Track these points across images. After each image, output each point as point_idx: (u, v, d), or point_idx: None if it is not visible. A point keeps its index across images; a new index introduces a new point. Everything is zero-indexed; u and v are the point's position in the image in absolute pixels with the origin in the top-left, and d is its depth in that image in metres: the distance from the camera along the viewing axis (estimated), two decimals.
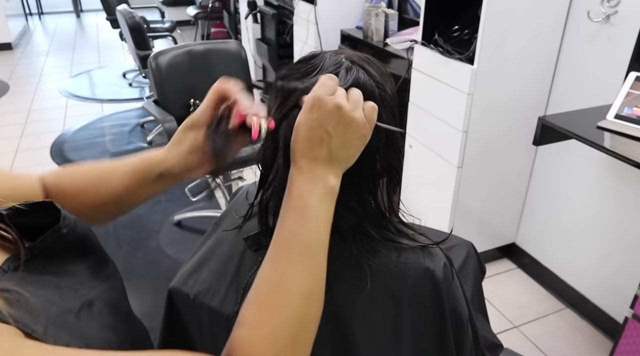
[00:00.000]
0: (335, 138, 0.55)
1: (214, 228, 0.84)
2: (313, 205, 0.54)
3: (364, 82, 0.64)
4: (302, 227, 0.53)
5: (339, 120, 0.55)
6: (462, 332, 0.74)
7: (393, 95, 0.69)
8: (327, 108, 0.54)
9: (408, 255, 0.69)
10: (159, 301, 0.82)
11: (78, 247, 0.54)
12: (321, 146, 0.54)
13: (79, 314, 0.46)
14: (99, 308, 0.49)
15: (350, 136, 0.56)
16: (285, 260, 0.52)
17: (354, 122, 0.55)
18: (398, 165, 0.71)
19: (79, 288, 0.49)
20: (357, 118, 0.56)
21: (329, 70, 0.64)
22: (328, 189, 0.55)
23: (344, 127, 0.55)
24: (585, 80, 1.81)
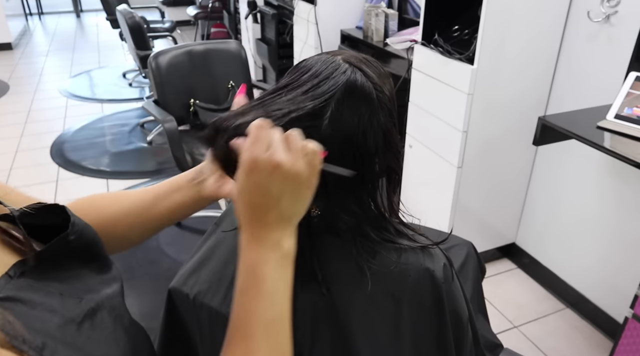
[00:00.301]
0: (283, 199, 0.50)
1: (214, 228, 0.84)
2: (269, 276, 0.49)
3: (362, 84, 0.64)
4: (261, 304, 0.49)
5: (282, 180, 0.49)
6: (462, 333, 0.74)
7: (391, 96, 0.69)
8: (266, 169, 0.48)
9: (408, 256, 0.69)
10: (159, 301, 0.82)
11: (83, 253, 0.53)
12: (268, 211, 0.50)
13: (81, 325, 0.46)
14: (101, 317, 0.49)
15: (298, 191, 0.51)
16: (246, 342, 0.48)
17: (297, 177, 0.50)
18: (397, 166, 0.71)
19: (82, 296, 0.49)
20: (301, 172, 0.50)
21: (324, 73, 0.64)
22: (284, 254, 0.51)
23: (290, 185, 0.50)
24: (585, 80, 1.81)
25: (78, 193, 2.91)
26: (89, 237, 0.54)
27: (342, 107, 0.62)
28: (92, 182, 3.05)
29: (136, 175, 3.14)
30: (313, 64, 0.66)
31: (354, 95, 0.63)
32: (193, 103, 2.43)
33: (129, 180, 3.06)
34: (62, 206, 0.53)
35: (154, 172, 3.19)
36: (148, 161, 3.36)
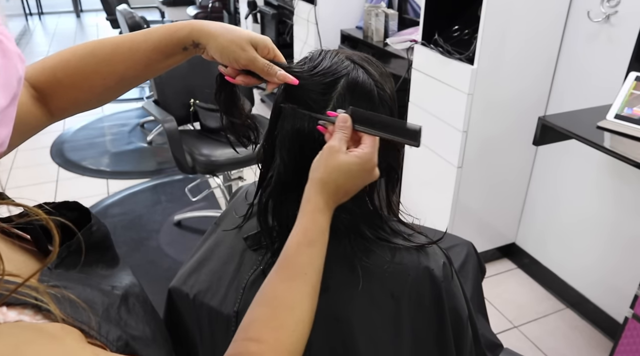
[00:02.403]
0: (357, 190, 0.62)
1: (214, 228, 0.84)
2: (326, 240, 0.60)
3: (363, 81, 0.64)
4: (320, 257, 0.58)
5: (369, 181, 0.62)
6: (461, 331, 0.74)
7: (392, 94, 0.69)
8: (375, 175, 0.61)
9: (402, 256, 0.69)
10: (159, 301, 0.82)
11: (99, 246, 0.55)
12: (346, 195, 0.61)
13: (120, 309, 0.48)
14: (132, 303, 0.51)
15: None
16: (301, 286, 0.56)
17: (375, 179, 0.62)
18: (397, 165, 0.71)
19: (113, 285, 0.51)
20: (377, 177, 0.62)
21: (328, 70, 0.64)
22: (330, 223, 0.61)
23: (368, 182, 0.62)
24: (585, 80, 1.81)
25: (78, 193, 2.91)
26: (104, 230, 0.56)
27: (343, 103, 0.63)
28: (92, 182, 3.05)
29: (136, 175, 3.15)
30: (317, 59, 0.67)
31: (355, 91, 0.64)
32: (193, 103, 2.43)
33: (129, 180, 3.06)
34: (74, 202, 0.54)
35: (154, 172, 3.19)
36: (148, 161, 3.36)
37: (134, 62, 0.64)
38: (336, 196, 0.60)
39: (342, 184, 0.59)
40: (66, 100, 0.63)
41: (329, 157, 0.59)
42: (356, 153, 0.59)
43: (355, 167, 0.58)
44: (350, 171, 0.58)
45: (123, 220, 2.65)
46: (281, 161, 0.65)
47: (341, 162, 0.58)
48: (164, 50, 0.65)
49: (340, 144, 0.59)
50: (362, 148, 0.59)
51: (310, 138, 0.64)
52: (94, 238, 0.53)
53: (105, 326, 0.43)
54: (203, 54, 0.67)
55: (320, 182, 0.59)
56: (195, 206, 2.72)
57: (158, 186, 3.02)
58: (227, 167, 2.28)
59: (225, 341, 0.74)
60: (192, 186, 2.74)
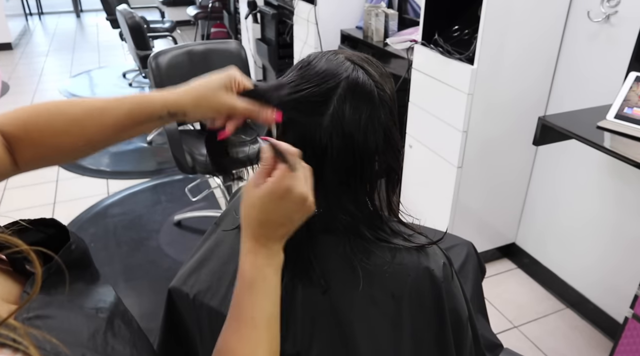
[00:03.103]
0: (295, 223, 0.58)
1: (213, 228, 0.84)
2: (272, 279, 0.57)
3: (363, 82, 0.64)
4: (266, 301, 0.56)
5: (303, 210, 0.57)
6: (461, 331, 0.74)
7: (392, 95, 0.69)
8: (296, 200, 0.56)
9: (403, 256, 0.69)
10: (159, 301, 0.82)
11: (79, 263, 0.54)
12: (281, 228, 0.57)
13: (106, 335, 0.47)
14: (118, 325, 0.50)
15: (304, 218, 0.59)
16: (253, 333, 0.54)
17: (311, 208, 0.58)
18: (397, 166, 0.71)
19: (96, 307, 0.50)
20: (312, 204, 0.58)
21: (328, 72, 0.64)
22: (280, 262, 0.59)
23: (305, 215, 0.58)
24: (585, 80, 1.81)
25: (78, 193, 2.91)
26: (83, 248, 0.55)
27: (344, 105, 0.63)
28: (92, 182, 3.05)
29: (136, 175, 3.15)
30: (316, 61, 0.67)
31: (355, 92, 0.64)
32: None
33: (129, 180, 3.07)
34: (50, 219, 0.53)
35: (154, 172, 3.19)
36: (148, 161, 3.36)
37: (104, 126, 0.63)
38: (263, 230, 0.57)
39: (264, 219, 0.56)
40: (32, 155, 0.62)
41: (244, 194, 0.58)
42: (266, 184, 0.56)
43: (266, 198, 0.55)
44: (263, 204, 0.56)
45: (123, 220, 2.65)
46: None
47: (252, 196, 0.56)
48: (136, 118, 0.64)
49: (255, 178, 0.57)
50: (272, 176, 0.56)
51: (312, 141, 0.64)
52: (73, 256, 0.52)
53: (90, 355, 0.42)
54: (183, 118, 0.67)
55: (243, 222, 0.58)
56: (195, 206, 2.73)
57: (158, 186, 3.02)
58: None
59: None
60: (192, 186, 2.74)
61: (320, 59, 0.67)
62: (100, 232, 2.54)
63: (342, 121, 0.62)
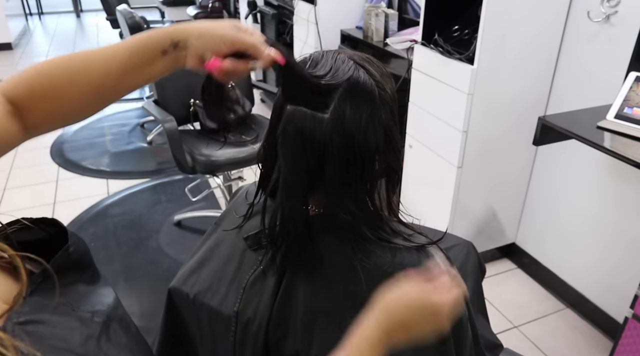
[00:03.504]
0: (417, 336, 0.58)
1: (214, 228, 0.84)
2: None
3: (365, 81, 0.64)
4: None
5: (441, 328, 0.58)
6: (461, 332, 0.74)
7: (393, 95, 0.69)
8: (442, 329, 0.58)
9: (403, 256, 0.69)
10: (159, 301, 0.82)
11: (79, 264, 0.53)
12: (406, 338, 0.58)
13: (100, 340, 0.46)
14: (114, 330, 0.49)
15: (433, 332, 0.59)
16: None
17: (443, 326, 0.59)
18: (397, 166, 0.71)
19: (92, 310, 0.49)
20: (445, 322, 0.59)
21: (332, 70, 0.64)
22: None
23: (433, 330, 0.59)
24: (585, 80, 1.81)
25: (78, 193, 2.91)
26: (82, 249, 0.54)
27: (345, 104, 0.63)
28: (92, 182, 3.05)
29: (136, 175, 3.15)
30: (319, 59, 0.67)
31: (356, 92, 0.64)
32: (193, 103, 2.43)
33: (129, 180, 3.06)
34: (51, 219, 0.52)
35: (154, 172, 3.19)
36: (148, 161, 3.36)
37: (109, 71, 0.60)
38: (398, 332, 0.57)
39: (420, 329, 0.58)
40: (42, 114, 0.60)
41: (402, 283, 0.58)
42: (434, 294, 0.57)
43: (422, 307, 0.57)
44: (412, 308, 0.57)
45: (123, 220, 2.65)
46: (284, 162, 0.65)
47: (411, 292, 0.58)
48: (141, 56, 0.60)
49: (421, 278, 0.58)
50: (438, 285, 0.58)
51: (313, 140, 0.64)
52: (72, 257, 0.51)
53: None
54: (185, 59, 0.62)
55: (382, 307, 0.58)
56: (195, 206, 2.72)
57: (158, 186, 3.02)
58: (227, 167, 2.28)
59: (225, 342, 0.74)
60: (192, 186, 2.74)
61: (324, 58, 0.67)
62: (100, 232, 2.54)
63: (343, 120, 0.63)
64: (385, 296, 0.58)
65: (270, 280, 0.70)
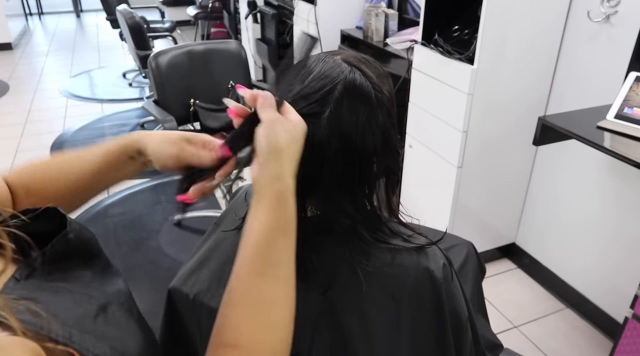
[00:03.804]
0: (290, 147, 0.57)
1: (213, 228, 0.84)
2: (282, 189, 0.55)
3: (360, 83, 0.64)
4: (291, 246, 0.54)
5: (293, 133, 0.57)
6: (461, 332, 0.74)
7: (390, 96, 0.69)
8: (283, 122, 0.57)
9: (403, 257, 0.69)
10: (159, 301, 0.82)
11: (83, 253, 0.53)
12: (283, 149, 0.56)
13: (96, 319, 0.46)
14: (112, 312, 0.49)
15: (292, 139, 0.57)
16: (273, 276, 0.52)
17: (292, 126, 0.57)
18: (396, 167, 0.71)
19: (91, 293, 0.49)
20: (292, 120, 0.58)
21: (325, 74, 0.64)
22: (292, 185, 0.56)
23: (298, 143, 0.57)
24: (586, 80, 1.81)
25: None
26: (87, 236, 0.54)
27: (341, 106, 0.63)
28: None
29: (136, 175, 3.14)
30: (313, 63, 0.66)
31: (352, 94, 0.63)
32: (193, 103, 2.43)
33: (129, 180, 3.06)
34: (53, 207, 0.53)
35: (154, 172, 3.14)
36: None
37: (82, 172, 0.66)
38: (274, 153, 0.57)
39: (269, 142, 0.57)
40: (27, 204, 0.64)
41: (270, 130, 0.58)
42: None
43: (269, 124, 0.57)
44: (266, 130, 0.57)
45: (123, 220, 2.65)
46: None
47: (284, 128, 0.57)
48: (111, 160, 0.66)
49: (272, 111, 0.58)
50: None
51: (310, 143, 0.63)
52: (73, 244, 0.51)
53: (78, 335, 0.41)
54: (151, 163, 0.67)
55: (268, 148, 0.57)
56: (195, 206, 2.71)
57: (158, 186, 3.02)
58: None
59: None
60: None
61: (317, 61, 0.67)
62: (100, 232, 2.54)
63: (339, 123, 0.62)
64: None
65: None
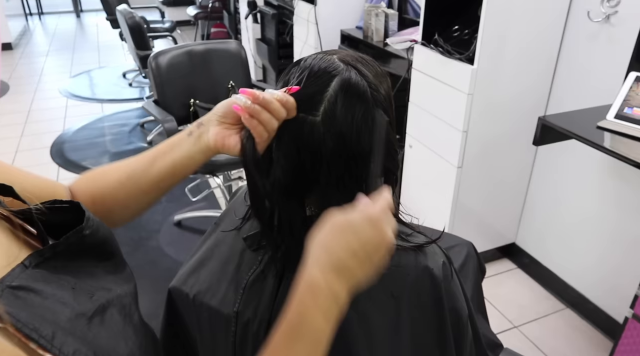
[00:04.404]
0: (374, 269, 0.54)
1: (213, 228, 0.84)
2: (322, 328, 0.51)
3: (356, 82, 0.64)
4: (303, 351, 0.51)
5: (384, 254, 0.54)
6: (461, 330, 0.74)
7: (387, 95, 0.69)
8: (387, 239, 0.53)
9: (400, 257, 0.69)
10: (159, 301, 0.82)
11: (98, 250, 0.53)
12: (361, 266, 0.52)
13: (91, 320, 0.46)
14: (110, 315, 0.49)
15: (378, 268, 0.54)
16: None
17: (390, 248, 0.55)
18: (394, 166, 0.71)
19: (94, 292, 0.49)
20: (391, 245, 0.55)
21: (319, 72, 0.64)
22: (340, 308, 0.52)
23: (382, 261, 0.54)
24: (586, 80, 1.81)
25: None
26: (104, 234, 0.54)
27: (335, 105, 0.62)
28: None
29: None
30: (308, 62, 0.66)
31: (347, 93, 0.63)
32: (193, 103, 2.43)
33: None
34: (77, 203, 0.53)
35: None
36: None
37: (141, 156, 0.69)
38: (346, 264, 0.52)
39: (354, 249, 0.52)
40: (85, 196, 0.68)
41: (323, 223, 0.55)
42: (359, 208, 0.54)
43: (366, 227, 0.53)
44: (356, 229, 0.53)
45: None
46: (278, 164, 0.65)
47: (339, 220, 0.54)
48: (170, 140, 0.68)
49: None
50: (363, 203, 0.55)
51: (306, 142, 0.63)
52: (88, 241, 0.51)
53: (61, 338, 0.41)
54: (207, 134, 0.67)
55: (315, 251, 0.54)
56: (195, 206, 2.73)
57: None
58: (227, 167, 2.28)
59: (225, 342, 0.74)
60: (192, 186, 2.74)
61: (312, 61, 0.67)
62: None
63: (334, 121, 0.62)
64: (316, 237, 0.54)
65: (270, 280, 0.70)
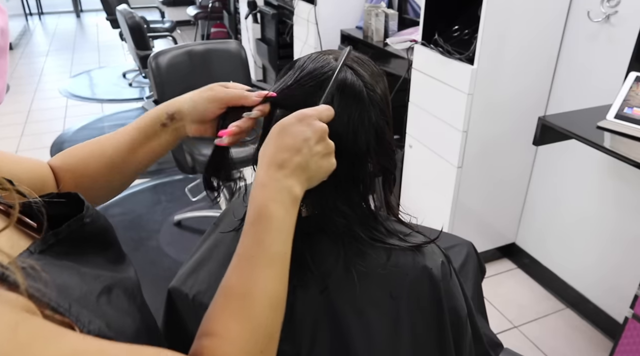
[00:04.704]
0: (314, 156, 0.56)
1: (213, 228, 0.84)
2: (279, 215, 0.54)
3: (352, 82, 0.64)
4: (268, 237, 0.53)
5: (321, 143, 0.57)
6: (461, 330, 0.74)
7: (384, 95, 0.69)
8: (316, 127, 0.56)
9: (398, 258, 0.69)
10: (159, 301, 0.82)
11: (98, 239, 0.54)
12: (297, 154, 0.55)
13: (99, 298, 0.46)
14: (116, 294, 0.49)
15: (323, 163, 0.58)
16: (250, 270, 0.52)
17: (330, 154, 0.58)
18: (391, 166, 0.71)
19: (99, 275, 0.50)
20: (332, 153, 0.59)
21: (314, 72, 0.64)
22: (293, 198, 0.55)
23: (322, 151, 0.57)
24: (586, 80, 1.81)
25: None
26: (103, 224, 0.55)
27: (330, 105, 0.62)
28: None
29: None
30: (304, 62, 0.67)
31: (343, 93, 0.64)
32: None
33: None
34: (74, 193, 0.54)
35: (154, 172, 3.19)
36: None
37: (118, 143, 0.69)
38: (278, 155, 0.55)
39: (280, 143, 0.56)
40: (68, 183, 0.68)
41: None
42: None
43: (286, 121, 0.57)
44: (282, 128, 0.57)
45: (123, 220, 2.65)
46: None
47: (273, 129, 0.58)
48: (143, 129, 0.68)
49: None
50: None
51: None
52: (88, 229, 0.52)
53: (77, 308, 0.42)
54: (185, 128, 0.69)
55: (260, 155, 0.58)
56: (195, 206, 2.73)
57: (158, 186, 3.02)
58: None
59: None
60: (192, 186, 2.74)
61: (308, 61, 0.67)
62: None
63: (330, 122, 0.62)
64: (260, 151, 0.58)
65: None
